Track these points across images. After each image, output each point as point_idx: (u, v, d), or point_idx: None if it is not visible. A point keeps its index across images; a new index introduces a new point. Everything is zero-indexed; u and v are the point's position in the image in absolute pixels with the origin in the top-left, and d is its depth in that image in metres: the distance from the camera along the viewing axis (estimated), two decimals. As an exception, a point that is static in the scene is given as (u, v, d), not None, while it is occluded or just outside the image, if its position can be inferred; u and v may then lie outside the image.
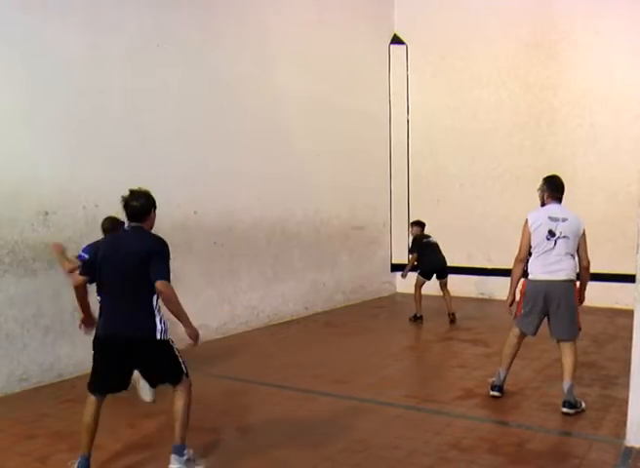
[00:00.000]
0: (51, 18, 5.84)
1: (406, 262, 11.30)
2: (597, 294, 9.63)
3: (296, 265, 9.06)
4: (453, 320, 8.47)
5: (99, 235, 6.30)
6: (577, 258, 5.05)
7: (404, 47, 11.29)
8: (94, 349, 3.94)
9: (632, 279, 4.23)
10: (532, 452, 4.17)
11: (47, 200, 5.81)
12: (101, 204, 6.29)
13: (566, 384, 4.91)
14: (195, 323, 7.74)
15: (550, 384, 5.59)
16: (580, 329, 5.07)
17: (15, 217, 5.55)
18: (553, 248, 4.90)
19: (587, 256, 5.06)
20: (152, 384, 4.14)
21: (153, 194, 6.78)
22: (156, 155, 6.92)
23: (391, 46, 11.35)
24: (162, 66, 6.97)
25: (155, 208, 4.27)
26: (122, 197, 4.06)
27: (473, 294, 9.57)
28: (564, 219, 4.92)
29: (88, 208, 6.18)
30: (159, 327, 3.74)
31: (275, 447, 4.36)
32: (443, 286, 8.61)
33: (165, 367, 3.84)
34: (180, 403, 3.89)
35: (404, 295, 11.09)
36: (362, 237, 10.80)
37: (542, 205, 5.09)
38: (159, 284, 3.63)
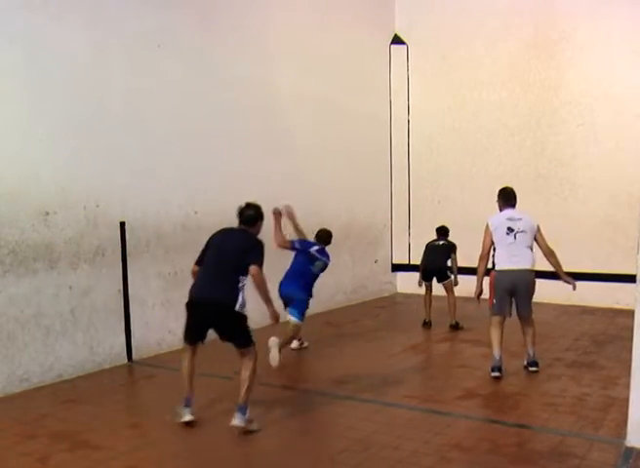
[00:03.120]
0: (52, 16, 5.84)
1: (406, 263, 11.32)
2: (598, 294, 9.72)
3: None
4: (455, 328, 8.34)
5: (100, 235, 6.33)
6: (534, 250, 5.88)
7: (404, 47, 11.28)
8: None
9: (633, 279, 4.22)
10: (532, 452, 4.17)
11: (47, 200, 5.81)
12: (102, 204, 6.30)
13: (530, 350, 5.96)
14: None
15: (550, 384, 5.59)
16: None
17: (15, 218, 5.55)
18: (514, 241, 5.78)
19: (547, 244, 5.90)
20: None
21: (153, 194, 6.88)
22: (157, 155, 6.92)
23: (392, 46, 11.34)
24: (163, 66, 6.97)
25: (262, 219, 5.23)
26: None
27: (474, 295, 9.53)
28: (519, 219, 5.85)
29: (88, 208, 6.18)
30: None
31: (275, 447, 4.36)
32: (446, 290, 8.50)
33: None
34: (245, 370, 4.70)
35: (405, 296, 11.10)
36: (363, 237, 10.79)
37: (500, 211, 6.05)
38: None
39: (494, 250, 5.91)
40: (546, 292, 9.89)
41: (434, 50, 11.03)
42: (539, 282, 5.94)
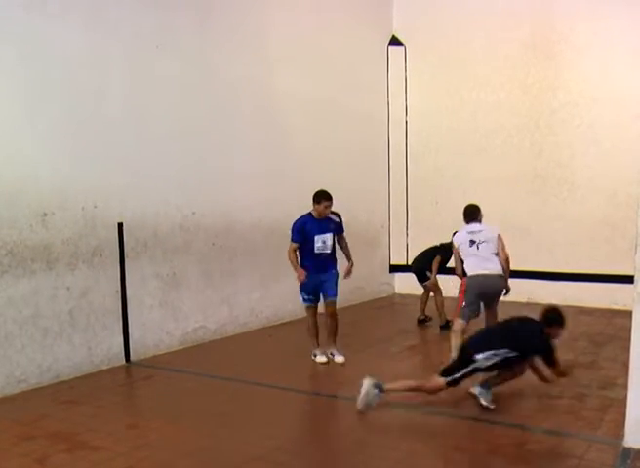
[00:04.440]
0: (51, 17, 5.84)
1: (404, 263, 11.32)
2: (595, 295, 9.73)
3: (294, 266, 9.06)
4: (446, 328, 8.12)
5: (98, 236, 6.33)
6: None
7: (402, 48, 11.29)
8: None
9: (631, 280, 4.22)
10: (530, 453, 4.18)
11: (46, 201, 5.80)
12: (100, 204, 6.30)
13: None
14: (194, 324, 7.82)
15: (548, 385, 5.59)
16: None
17: (13, 218, 5.54)
18: (478, 250, 6.31)
19: (505, 252, 6.39)
20: None
21: (152, 195, 6.87)
22: (155, 156, 6.92)
23: (390, 47, 11.35)
24: (161, 67, 6.97)
25: None
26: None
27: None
28: (479, 231, 6.43)
29: (87, 208, 6.17)
30: None
31: (274, 448, 4.36)
32: (432, 291, 8.46)
33: None
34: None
35: (403, 296, 11.11)
36: (360, 238, 10.78)
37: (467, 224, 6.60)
38: None
39: (462, 262, 6.44)
40: (544, 293, 9.96)
41: (432, 50, 11.03)
42: (536, 282, 5.95)
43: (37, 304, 5.72)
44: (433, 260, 8.38)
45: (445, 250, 8.42)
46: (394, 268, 11.51)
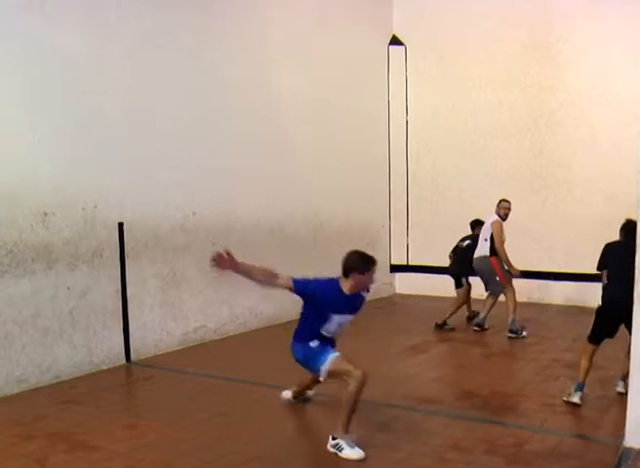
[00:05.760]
0: (50, 17, 5.83)
1: (404, 263, 11.33)
2: (596, 295, 9.70)
3: (294, 266, 9.01)
4: (439, 328, 8.22)
5: (98, 236, 6.33)
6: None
7: (403, 48, 11.29)
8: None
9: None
10: (530, 453, 4.17)
11: (46, 201, 5.80)
12: (100, 205, 6.30)
13: (510, 318, 7.62)
14: (194, 324, 7.82)
15: (549, 385, 5.60)
16: (506, 282, 7.82)
17: (14, 218, 5.54)
18: (480, 236, 7.96)
19: (497, 243, 7.69)
20: None
21: (152, 195, 6.88)
22: (155, 156, 6.91)
23: (390, 47, 11.34)
24: (161, 67, 6.97)
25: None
26: None
27: (472, 295, 9.53)
28: (486, 222, 7.98)
29: (87, 209, 6.17)
30: None
31: (274, 448, 4.36)
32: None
33: None
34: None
35: (403, 296, 11.11)
36: (361, 238, 10.78)
37: None
38: None
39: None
40: (544, 292, 9.95)
41: (432, 50, 11.02)
42: (536, 282, 5.95)
43: (37, 304, 5.72)
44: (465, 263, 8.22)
45: (467, 249, 8.31)
46: (395, 268, 11.51)
